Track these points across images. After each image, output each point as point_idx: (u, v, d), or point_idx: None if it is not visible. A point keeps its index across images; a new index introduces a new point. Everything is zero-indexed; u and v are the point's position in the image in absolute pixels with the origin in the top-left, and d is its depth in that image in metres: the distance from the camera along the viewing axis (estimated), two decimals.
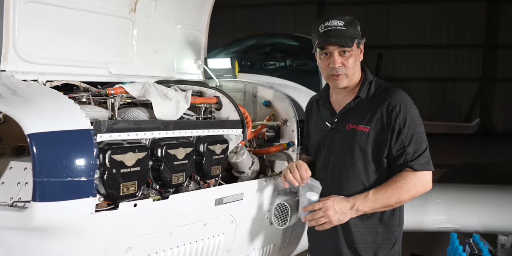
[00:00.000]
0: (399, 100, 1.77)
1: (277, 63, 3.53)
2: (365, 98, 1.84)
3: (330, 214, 1.71)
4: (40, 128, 1.24)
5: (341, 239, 1.87)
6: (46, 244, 1.35)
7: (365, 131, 1.78)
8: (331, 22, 1.78)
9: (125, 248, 1.49)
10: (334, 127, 1.90)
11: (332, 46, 1.79)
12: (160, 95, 1.82)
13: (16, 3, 1.59)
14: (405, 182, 1.72)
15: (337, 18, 1.79)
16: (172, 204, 1.60)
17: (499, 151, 13.42)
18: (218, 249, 1.94)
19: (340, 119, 1.89)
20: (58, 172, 1.24)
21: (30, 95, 1.44)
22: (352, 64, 1.82)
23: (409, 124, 1.74)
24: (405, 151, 1.73)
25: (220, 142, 1.93)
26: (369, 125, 1.78)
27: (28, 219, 1.25)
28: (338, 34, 1.77)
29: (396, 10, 16.93)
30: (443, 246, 3.46)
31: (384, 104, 1.77)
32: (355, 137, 1.80)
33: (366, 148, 1.79)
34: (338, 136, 1.88)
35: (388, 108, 1.76)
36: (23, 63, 1.68)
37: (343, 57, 1.81)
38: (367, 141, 1.78)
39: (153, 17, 2.31)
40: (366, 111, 1.80)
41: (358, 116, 1.81)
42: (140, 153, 1.48)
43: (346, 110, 1.87)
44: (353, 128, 1.81)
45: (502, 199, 3.27)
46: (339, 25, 1.78)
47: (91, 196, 1.30)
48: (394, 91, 1.81)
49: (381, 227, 1.85)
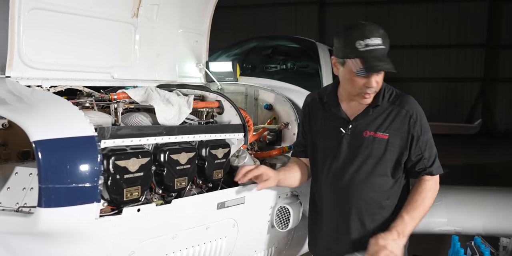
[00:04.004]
0: (415, 108, 1.84)
1: (278, 65, 3.54)
2: (383, 105, 1.86)
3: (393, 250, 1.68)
4: (46, 135, 1.26)
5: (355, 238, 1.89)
6: (51, 249, 1.37)
7: (384, 138, 1.81)
8: (373, 40, 1.68)
9: (129, 252, 1.51)
10: (350, 133, 1.87)
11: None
12: (162, 100, 1.83)
13: (21, 10, 1.61)
14: (428, 190, 1.82)
15: (376, 34, 1.69)
16: (175, 208, 1.62)
17: (501, 152, 13.39)
18: (220, 252, 1.96)
19: (356, 126, 1.86)
20: (63, 178, 1.26)
21: (35, 102, 1.46)
22: (381, 83, 1.79)
23: (423, 131, 1.82)
24: (423, 157, 1.82)
25: (222, 146, 1.95)
26: (388, 132, 1.81)
27: (33, 224, 1.27)
28: (383, 56, 1.70)
29: (397, 10, 16.91)
30: (446, 248, 3.46)
31: (402, 112, 1.82)
32: (374, 144, 1.81)
33: (385, 155, 1.82)
34: (355, 143, 1.85)
35: (406, 116, 1.82)
36: (27, 69, 1.70)
37: (378, 76, 1.76)
38: (386, 148, 1.81)
39: (155, 21, 2.32)
40: (383, 118, 1.83)
41: (376, 124, 1.83)
42: (143, 158, 1.50)
43: (363, 117, 1.86)
44: (371, 135, 1.82)
45: (504, 202, 3.26)
46: (380, 43, 1.69)
47: (96, 202, 1.32)
48: (409, 99, 1.87)
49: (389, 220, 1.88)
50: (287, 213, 2.21)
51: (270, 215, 2.22)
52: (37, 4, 1.67)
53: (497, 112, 17.31)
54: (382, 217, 1.87)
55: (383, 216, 1.88)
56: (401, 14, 16.88)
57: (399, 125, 1.81)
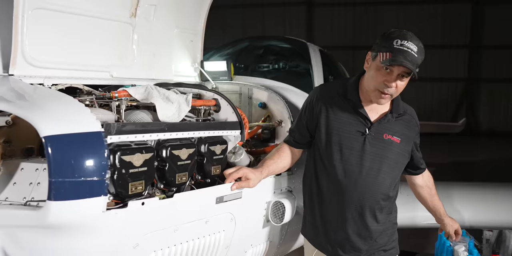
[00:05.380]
0: (416, 116, 2.13)
1: (270, 65, 3.61)
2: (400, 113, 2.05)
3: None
4: (55, 131, 1.30)
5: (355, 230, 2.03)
6: (59, 241, 1.42)
7: (397, 142, 2.00)
8: (409, 44, 1.78)
9: (133, 244, 1.56)
10: (373, 135, 1.96)
11: (399, 67, 1.79)
12: (162, 98, 1.88)
13: (25, 10, 1.64)
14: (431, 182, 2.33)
15: (415, 42, 1.80)
16: (176, 202, 1.67)
17: (484, 150, 13.73)
18: (219, 246, 2.01)
19: (377, 127, 1.97)
20: (72, 172, 1.30)
21: (41, 99, 1.50)
22: (400, 89, 1.88)
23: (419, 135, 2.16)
24: (420, 157, 2.18)
25: (220, 143, 2.01)
26: (400, 137, 2.01)
27: (43, 217, 1.31)
28: (412, 59, 1.78)
29: (384, 11, 17.17)
30: (431, 242, 3.58)
31: (412, 121, 2.09)
32: (391, 147, 1.98)
33: (397, 157, 2.02)
34: (375, 144, 1.96)
35: (414, 125, 2.10)
36: (30, 67, 1.73)
37: (400, 80, 1.84)
38: (398, 151, 2.01)
39: (152, 21, 2.37)
40: (398, 124, 2.03)
41: (393, 128, 2.01)
42: (147, 154, 1.55)
43: (384, 121, 1.99)
44: (389, 138, 1.98)
45: (487, 196, 3.41)
46: (414, 51, 1.79)
47: (103, 195, 1.37)
48: (411, 107, 2.13)
49: (392, 215, 2.15)
50: (282, 208, 2.28)
51: (265, 210, 2.29)
52: (40, 4, 1.70)
53: (481, 111, 17.73)
54: (384, 211, 2.06)
55: (385, 211, 2.06)
56: (387, 15, 17.13)
57: (408, 132, 2.05)
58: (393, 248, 2.14)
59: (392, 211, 2.13)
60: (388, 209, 2.09)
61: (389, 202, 2.08)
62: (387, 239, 2.10)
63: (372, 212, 2.01)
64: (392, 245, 2.13)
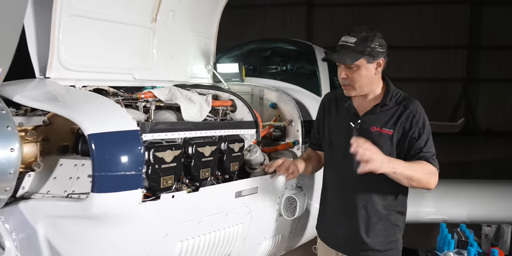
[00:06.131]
0: (418, 109, 2.02)
1: (278, 67, 3.73)
2: (389, 105, 2.04)
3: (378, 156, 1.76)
4: (98, 129, 1.43)
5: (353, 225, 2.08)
6: (98, 229, 1.55)
7: (388, 134, 1.98)
8: (346, 38, 1.95)
9: (163, 234, 1.70)
10: (359, 127, 2.04)
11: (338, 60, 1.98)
12: (185, 99, 2.02)
13: (61, 17, 1.77)
14: (426, 167, 1.92)
15: (352, 34, 1.95)
16: (201, 196, 1.81)
17: (483, 149, 13.89)
18: (237, 238, 2.15)
19: (365, 121, 2.05)
20: (114, 167, 1.44)
21: (82, 100, 1.63)
22: (356, 78, 1.98)
23: (425, 131, 1.99)
24: (422, 151, 1.96)
25: (238, 141, 2.14)
26: (392, 128, 1.99)
27: (87, 208, 1.44)
28: (342, 51, 1.94)
29: (383, 12, 17.31)
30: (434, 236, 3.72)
31: (406, 112, 2.00)
32: (379, 138, 1.98)
33: (389, 148, 1.98)
34: (361, 136, 1.99)
35: (410, 116, 1.99)
36: (64, 70, 1.86)
37: (349, 71, 1.98)
38: (390, 142, 1.99)
39: (170, 26, 2.50)
40: (389, 116, 2.02)
41: (382, 120, 2.01)
42: (176, 150, 1.68)
43: (370, 113, 2.05)
44: (377, 131, 2.00)
45: (486, 192, 3.56)
46: (349, 42, 1.93)
47: (139, 188, 1.51)
48: (415, 102, 2.06)
49: (390, 214, 2.07)
50: (294, 202, 2.42)
51: (278, 204, 2.42)
52: (74, 12, 1.83)
53: (479, 112, 17.89)
54: (379, 206, 2.05)
55: (382, 204, 2.05)
56: (387, 16, 17.27)
57: (403, 123, 1.99)
58: (390, 250, 2.08)
59: (391, 211, 2.06)
60: (385, 207, 2.04)
61: (385, 197, 2.04)
62: (383, 238, 2.06)
63: (363, 207, 2.04)
64: (389, 247, 2.08)
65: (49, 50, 1.77)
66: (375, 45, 1.96)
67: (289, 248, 2.92)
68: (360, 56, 1.94)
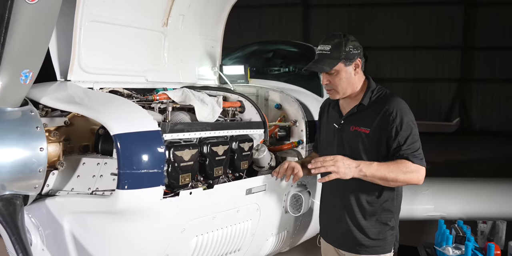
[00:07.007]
0: (396, 106, 2.02)
1: (281, 68, 3.83)
2: (367, 104, 2.11)
3: (339, 165, 1.87)
4: (123, 129, 1.52)
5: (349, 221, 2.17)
6: (121, 224, 1.63)
7: (365, 133, 2.05)
8: (321, 46, 2.08)
9: (181, 229, 1.79)
10: (340, 128, 2.18)
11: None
12: (199, 100, 2.11)
13: (82, 23, 1.85)
14: (404, 166, 1.93)
15: (327, 42, 2.07)
16: (215, 193, 1.90)
17: (478, 149, 14.09)
18: (247, 233, 2.24)
19: (346, 121, 2.17)
20: (138, 165, 1.53)
21: (104, 101, 1.71)
22: (338, 82, 2.09)
23: (405, 128, 1.99)
24: (401, 149, 1.96)
25: (248, 141, 2.24)
26: (369, 127, 2.04)
27: (113, 204, 1.53)
28: (320, 60, 2.06)
29: (379, 12, 17.47)
30: (432, 232, 3.84)
31: (382, 110, 2.02)
32: (358, 137, 2.07)
33: (367, 147, 2.05)
34: (344, 136, 2.16)
35: (385, 113, 2.01)
36: (83, 73, 1.95)
37: (330, 76, 2.10)
38: (368, 141, 2.05)
39: (180, 29, 2.59)
40: (367, 115, 2.07)
41: (360, 120, 2.09)
42: (193, 149, 1.78)
43: (351, 114, 2.16)
44: (356, 130, 2.08)
45: (481, 190, 3.69)
46: (325, 50, 2.05)
47: (161, 185, 1.60)
48: (392, 99, 2.07)
49: (382, 212, 2.12)
50: (300, 199, 2.52)
51: (284, 202, 2.52)
52: (94, 17, 1.92)
53: (473, 111, 18.12)
54: (365, 204, 2.11)
55: (373, 202, 2.11)
56: (382, 17, 17.45)
57: (379, 121, 2.01)
58: (379, 247, 2.12)
59: (382, 208, 2.10)
60: (375, 204, 2.09)
61: (376, 195, 2.09)
62: (376, 234, 2.11)
63: (355, 204, 2.12)
64: (376, 243, 2.12)
65: (71, 54, 1.86)
66: (349, 49, 2.05)
67: (293, 245, 3.01)
68: (337, 61, 2.05)
